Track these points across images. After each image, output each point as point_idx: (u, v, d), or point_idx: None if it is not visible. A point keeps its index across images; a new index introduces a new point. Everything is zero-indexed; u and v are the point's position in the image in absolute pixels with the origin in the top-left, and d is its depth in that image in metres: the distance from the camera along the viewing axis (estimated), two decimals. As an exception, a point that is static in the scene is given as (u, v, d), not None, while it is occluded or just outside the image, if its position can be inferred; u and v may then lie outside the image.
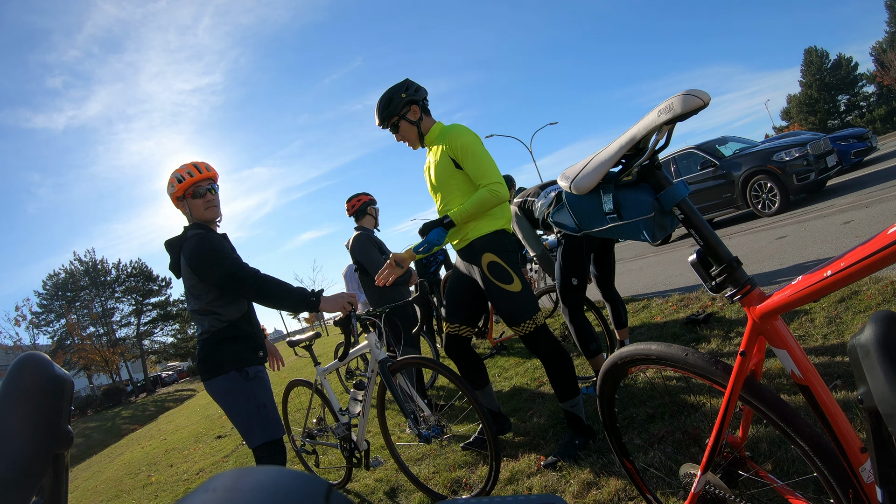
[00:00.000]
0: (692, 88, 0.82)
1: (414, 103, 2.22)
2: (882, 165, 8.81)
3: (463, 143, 2.12)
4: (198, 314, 1.96)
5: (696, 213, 0.95)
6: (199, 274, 1.90)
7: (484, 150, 2.16)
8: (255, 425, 1.90)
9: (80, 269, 33.92)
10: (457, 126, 2.20)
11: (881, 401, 0.60)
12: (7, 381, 0.55)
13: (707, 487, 1.05)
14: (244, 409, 1.91)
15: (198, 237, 1.93)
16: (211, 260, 1.87)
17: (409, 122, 2.24)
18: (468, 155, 2.11)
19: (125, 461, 8.01)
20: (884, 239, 0.65)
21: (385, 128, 2.29)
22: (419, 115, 2.24)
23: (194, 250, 1.90)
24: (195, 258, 1.89)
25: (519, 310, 2.14)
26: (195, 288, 1.95)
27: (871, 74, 37.99)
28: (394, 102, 2.21)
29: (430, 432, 2.03)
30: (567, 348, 3.81)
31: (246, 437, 1.92)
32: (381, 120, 2.27)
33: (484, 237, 2.15)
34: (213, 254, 1.88)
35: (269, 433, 1.91)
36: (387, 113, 2.23)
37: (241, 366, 1.93)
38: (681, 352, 1.03)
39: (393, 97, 2.22)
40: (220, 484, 0.22)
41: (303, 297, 1.89)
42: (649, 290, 5.11)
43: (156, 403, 22.48)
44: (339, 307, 1.98)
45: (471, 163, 2.11)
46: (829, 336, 2.41)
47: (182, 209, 2.06)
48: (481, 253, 2.15)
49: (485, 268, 2.14)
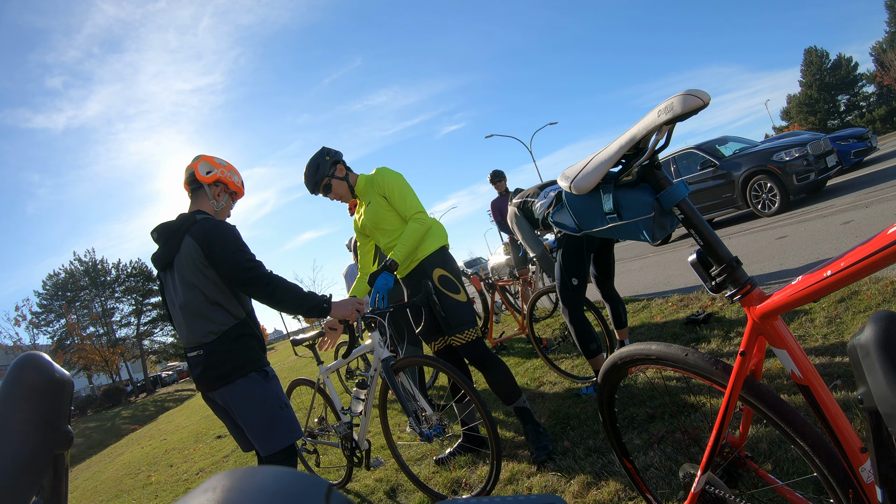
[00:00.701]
0: (692, 88, 0.82)
1: (338, 163, 2.45)
2: (882, 165, 8.81)
3: (389, 182, 2.37)
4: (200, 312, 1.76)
5: (696, 213, 0.95)
6: (215, 258, 1.73)
7: (407, 185, 2.41)
8: (277, 427, 1.78)
9: (80, 269, 33.92)
10: (382, 168, 2.44)
11: (881, 401, 0.60)
12: (7, 381, 0.55)
13: (707, 487, 1.05)
14: (267, 412, 1.77)
15: (214, 220, 1.82)
16: (232, 247, 1.74)
17: (339, 179, 2.44)
18: (395, 191, 2.35)
19: (125, 461, 8.01)
20: (884, 239, 0.65)
21: (317, 192, 2.47)
22: (345, 172, 2.47)
23: (213, 232, 1.75)
24: (216, 241, 1.73)
25: (467, 318, 2.33)
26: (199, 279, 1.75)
27: (871, 74, 38.00)
28: (321, 167, 2.41)
29: (431, 431, 2.03)
30: (567, 347, 3.82)
31: (264, 441, 1.76)
32: (313, 185, 2.43)
33: (431, 255, 2.36)
34: (234, 241, 1.76)
35: (293, 434, 1.81)
36: (318, 177, 2.41)
37: (260, 365, 1.81)
38: (681, 352, 1.03)
39: (319, 163, 2.42)
40: (220, 484, 0.22)
41: (315, 303, 1.83)
42: (649, 290, 5.11)
43: (156, 403, 22.48)
44: (349, 312, 1.95)
45: (397, 198, 2.35)
46: (829, 336, 2.41)
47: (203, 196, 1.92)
48: (431, 269, 2.34)
49: (436, 280, 2.32)
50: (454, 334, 2.31)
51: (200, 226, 1.77)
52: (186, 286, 1.77)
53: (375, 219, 2.41)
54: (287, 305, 1.79)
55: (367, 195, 2.44)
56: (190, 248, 1.76)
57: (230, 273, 1.74)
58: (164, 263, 1.85)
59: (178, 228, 1.81)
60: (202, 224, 1.78)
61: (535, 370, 3.73)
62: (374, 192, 2.40)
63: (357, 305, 1.98)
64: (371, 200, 2.41)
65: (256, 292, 1.78)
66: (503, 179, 5.87)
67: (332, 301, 1.90)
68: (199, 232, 1.76)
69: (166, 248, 1.83)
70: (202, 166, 1.92)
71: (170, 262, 1.83)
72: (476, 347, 2.32)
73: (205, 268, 1.76)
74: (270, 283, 1.76)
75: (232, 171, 1.99)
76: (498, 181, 5.83)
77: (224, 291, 1.80)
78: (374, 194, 2.40)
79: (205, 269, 1.76)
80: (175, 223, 1.84)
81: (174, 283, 1.83)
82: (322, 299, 1.86)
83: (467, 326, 2.31)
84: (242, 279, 1.74)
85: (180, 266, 1.79)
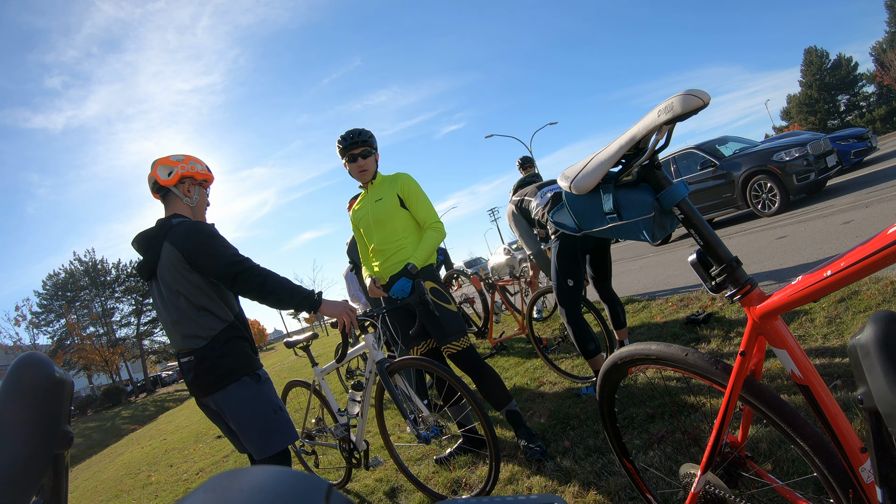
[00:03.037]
0: (692, 88, 0.82)
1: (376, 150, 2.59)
2: (882, 165, 8.81)
3: (413, 186, 2.47)
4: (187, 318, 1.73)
5: (696, 213, 0.95)
6: (198, 260, 1.69)
7: (426, 196, 2.52)
8: (273, 431, 1.75)
9: (79, 269, 33.92)
10: (405, 173, 2.55)
11: (881, 401, 0.60)
12: (7, 381, 0.55)
13: (707, 487, 1.05)
14: (262, 416, 1.74)
15: (190, 222, 1.76)
16: (213, 245, 1.70)
17: (374, 158, 2.54)
18: (417, 197, 2.45)
19: (125, 461, 8.01)
20: (884, 239, 0.65)
21: (352, 150, 2.45)
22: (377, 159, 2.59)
23: (190, 235, 1.71)
24: (194, 244, 1.70)
25: (460, 326, 2.40)
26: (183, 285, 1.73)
27: (871, 74, 37.99)
28: (373, 140, 2.50)
29: (428, 433, 2.02)
30: (566, 348, 3.82)
31: (259, 446, 1.74)
32: (360, 143, 2.45)
33: (421, 270, 2.42)
34: (214, 238, 1.72)
35: (287, 438, 1.78)
36: (366, 140, 2.46)
37: (252, 369, 1.78)
38: (681, 352, 1.03)
39: (372, 135, 2.50)
40: (220, 484, 0.22)
41: (306, 296, 1.79)
42: (649, 290, 5.11)
43: (156, 403, 22.47)
44: (339, 314, 1.90)
45: (419, 204, 2.45)
46: (829, 336, 2.41)
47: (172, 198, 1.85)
48: (423, 280, 2.40)
49: (429, 292, 2.35)
50: (450, 342, 2.36)
51: (177, 230, 1.73)
52: (172, 293, 1.75)
53: (381, 215, 2.44)
54: (277, 298, 1.73)
55: (381, 191, 2.49)
56: (170, 254, 1.72)
57: (216, 271, 1.70)
58: (148, 273, 1.82)
59: (156, 236, 1.77)
60: (178, 228, 1.73)
61: (535, 370, 3.73)
62: (391, 189, 2.46)
63: (347, 310, 1.93)
64: (383, 197, 2.46)
65: (246, 287, 1.72)
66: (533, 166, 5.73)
67: (323, 297, 1.86)
68: (176, 237, 1.72)
69: (147, 256, 1.79)
70: (161, 171, 1.84)
71: (153, 272, 1.80)
72: (470, 354, 2.37)
73: (187, 272, 1.72)
74: (259, 274, 1.71)
75: (193, 162, 1.89)
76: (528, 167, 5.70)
77: (209, 296, 1.76)
78: (390, 192, 2.45)
79: (188, 273, 1.72)
80: (153, 230, 1.81)
81: (160, 290, 1.80)
82: (313, 293, 1.82)
83: (462, 335, 2.39)
84: (230, 274, 1.69)
85: (163, 274, 1.76)
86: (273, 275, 1.75)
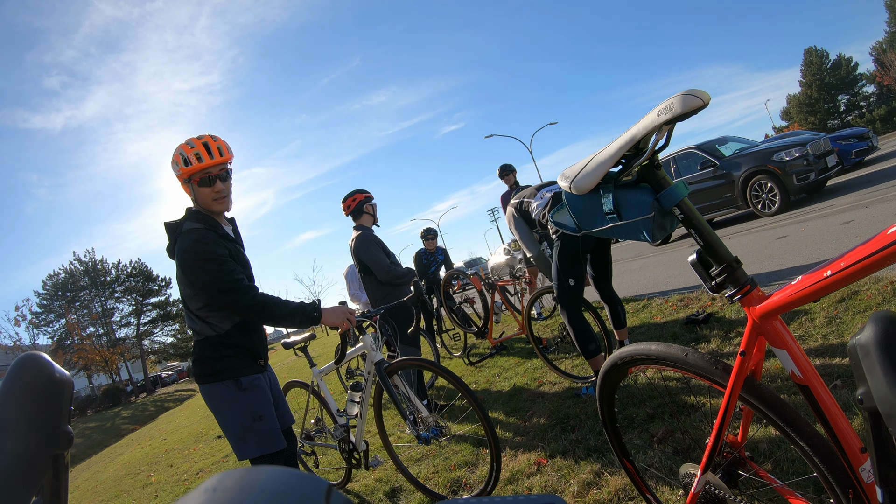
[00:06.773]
0: (692, 88, 0.82)
1: None
2: (882, 165, 8.81)
3: None
4: (191, 316, 1.80)
5: (696, 213, 0.95)
6: (192, 280, 1.73)
7: None
8: (249, 438, 1.76)
9: (79, 269, 33.88)
10: None
11: (881, 401, 0.60)
12: (7, 381, 0.55)
13: (707, 487, 1.05)
14: (237, 421, 1.76)
15: (193, 236, 1.72)
16: (206, 270, 1.69)
17: None
18: None
19: (125, 461, 8.01)
20: (884, 239, 0.65)
21: None
22: None
23: (186, 255, 1.70)
24: (188, 266, 1.71)
25: None
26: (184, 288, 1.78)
27: (871, 74, 37.98)
28: None
29: (428, 433, 2.02)
30: (566, 348, 3.82)
31: (238, 449, 1.77)
32: None
33: None
34: (208, 263, 1.69)
35: (263, 446, 1.76)
36: None
37: (235, 375, 1.77)
38: (680, 352, 1.03)
39: None
40: (220, 484, 0.22)
41: (305, 314, 1.79)
42: (649, 290, 5.11)
43: (155, 403, 22.47)
44: (339, 320, 1.92)
45: None
46: (829, 336, 2.41)
47: (187, 191, 1.83)
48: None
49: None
50: None
51: (181, 242, 1.73)
52: (181, 286, 1.81)
53: None
54: (275, 321, 1.77)
55: None
56: (177, 259, 1.75)
57: (208, 294, 1.72)
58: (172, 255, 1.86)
59: (173, 234, 1.81)
60: (182, 241, 1.74)
61: (535, 370, 3.73)
62: None
63: (347, 314, 1.94)
64: None
65: (239, 311, 1.74)
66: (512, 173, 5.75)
67: (321, 308, 1.86)
68: (179, 252, 1.73)
69: (171, 244, 1.83)
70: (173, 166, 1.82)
71: None
72: None
73: (189, 283, 1.76)
74: (252, 299, 1.70)
75: (175, 162, 1.79)
76: (506, 175, 5.73)
77: (207, 306, 1.77)
78: None
79: (188, 285, 1.76)
80: (173, 225, 1.83)
81: None
82: (312, 308, 1.82)
83: None
84: (222, 300, 1.71)
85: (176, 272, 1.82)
86: (269, 300, 1.74)
